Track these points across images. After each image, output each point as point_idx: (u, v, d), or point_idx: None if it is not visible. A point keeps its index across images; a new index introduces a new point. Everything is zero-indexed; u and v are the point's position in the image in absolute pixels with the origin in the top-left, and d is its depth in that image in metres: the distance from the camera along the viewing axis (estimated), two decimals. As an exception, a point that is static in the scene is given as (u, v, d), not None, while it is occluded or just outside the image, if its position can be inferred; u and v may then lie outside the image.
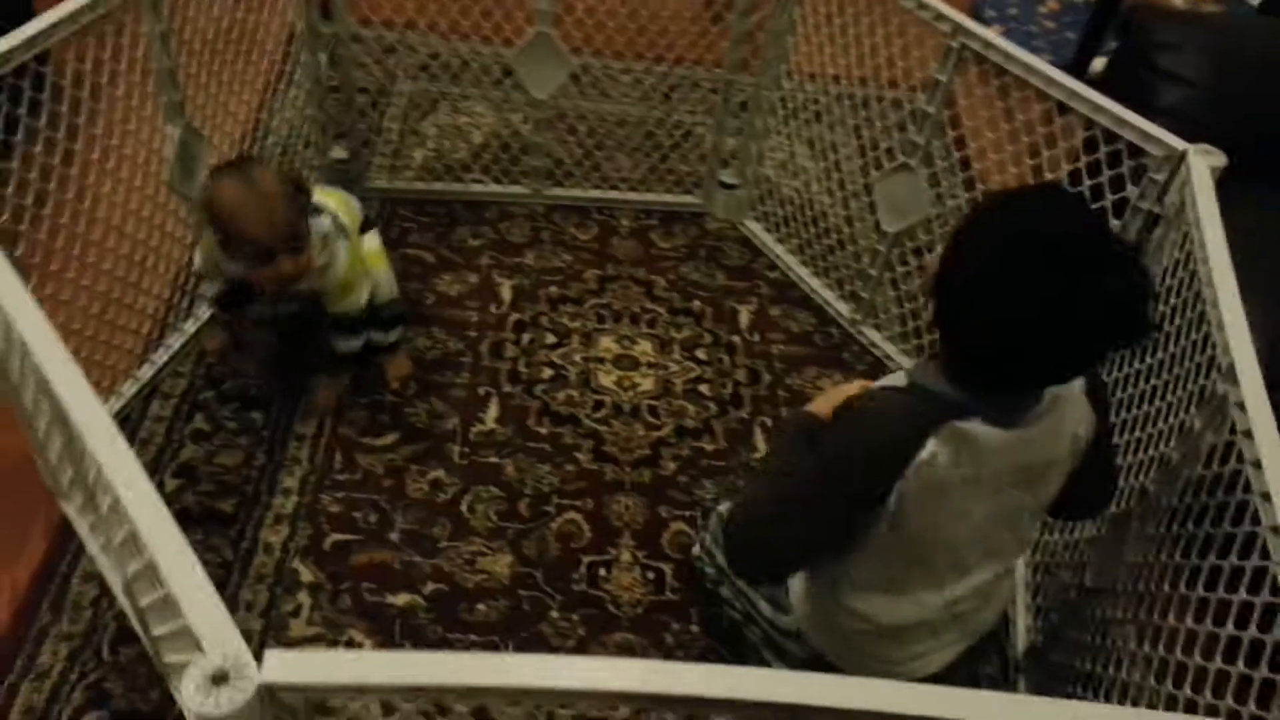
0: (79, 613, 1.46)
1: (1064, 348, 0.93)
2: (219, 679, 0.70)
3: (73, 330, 1.53)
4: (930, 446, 0.99)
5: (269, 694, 0.70)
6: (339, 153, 2.14)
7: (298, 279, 1.54)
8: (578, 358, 1.92)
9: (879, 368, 1.98)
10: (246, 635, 0.72)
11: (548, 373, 1.89)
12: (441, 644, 1.47)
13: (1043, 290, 0.90)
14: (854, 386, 1.19)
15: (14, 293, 0.99)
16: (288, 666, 0.71)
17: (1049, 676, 1.39)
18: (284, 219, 1.47)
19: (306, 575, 1.54)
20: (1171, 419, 1.16)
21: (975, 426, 1.00)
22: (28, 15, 1.96)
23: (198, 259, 1.65)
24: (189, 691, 0.69)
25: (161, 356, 1.78)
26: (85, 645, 1.42)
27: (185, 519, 1.55)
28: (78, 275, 1.54)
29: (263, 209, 1.45)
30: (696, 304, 2.07)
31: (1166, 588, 1.07)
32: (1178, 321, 1.21)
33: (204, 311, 1.85)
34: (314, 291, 1.63)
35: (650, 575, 1.60)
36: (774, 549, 1.13)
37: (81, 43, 1.42)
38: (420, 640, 1.47)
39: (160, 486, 1.44)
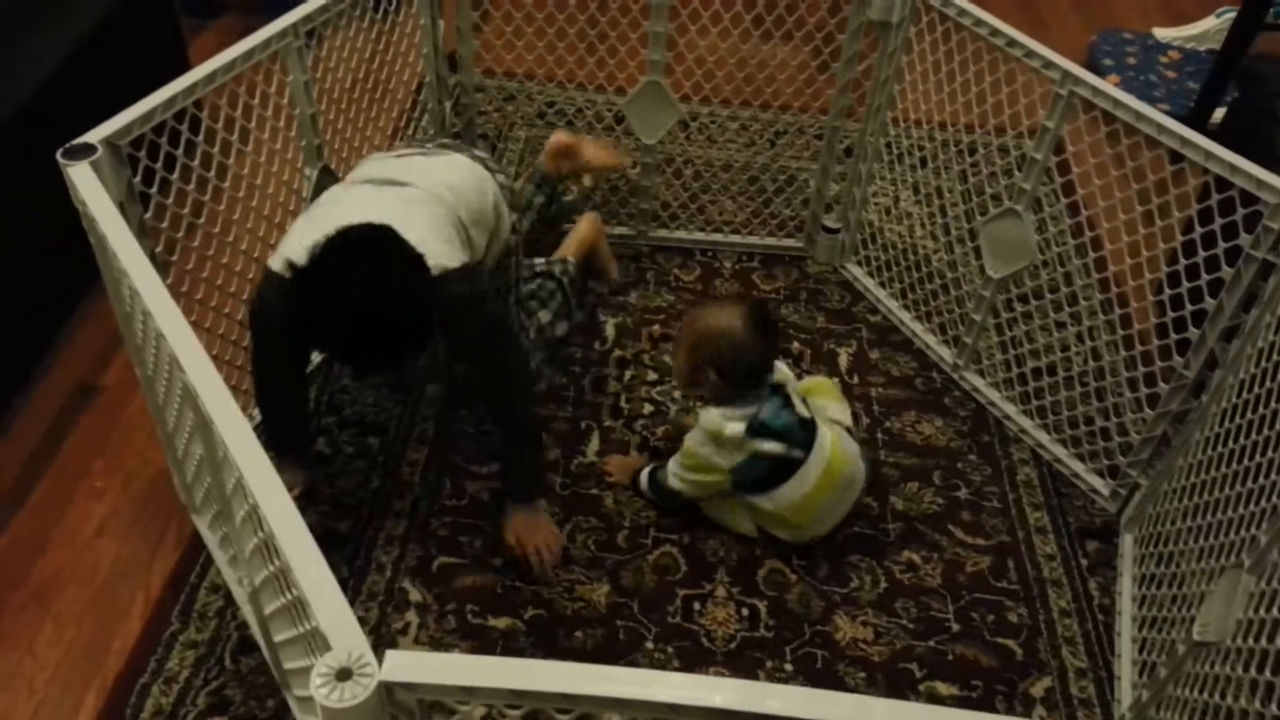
0: (205, 622, 1.55)
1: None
2: (343, 675, 0.75)
3: (211, 355, 1.65)
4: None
5: (387, 692, 0.76)
6: (457, 194, 2.24)
7: None
8: (677, 394, 1.96)
9: (981, 414, 1.96)
10: (359, 651, 0.77)
11: (648, 408, 1.93)
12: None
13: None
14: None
15: (167, 314, 1.09)
16: (404, 667, 0.76)
17: (1155, 735, 1.35)
18: None
19: (415, 595, 1.60)
20: (1285, 471, 1.14)
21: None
22: (182, 62, 2.13)
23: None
24: (316, 684, 0.75)
25: (288, 383, 1.89)
26: (210, 653, 1.51)
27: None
28: (220, 304, 1.66)
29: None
30: (796, 345, 2.09)
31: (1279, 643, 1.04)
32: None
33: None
34: None
35: (744, 611, 1.62)
36: None
37: (232, 90, 1.54)
38: (519, 663, 1.52)
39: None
